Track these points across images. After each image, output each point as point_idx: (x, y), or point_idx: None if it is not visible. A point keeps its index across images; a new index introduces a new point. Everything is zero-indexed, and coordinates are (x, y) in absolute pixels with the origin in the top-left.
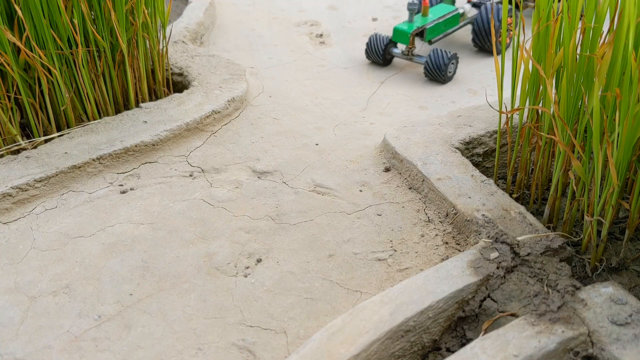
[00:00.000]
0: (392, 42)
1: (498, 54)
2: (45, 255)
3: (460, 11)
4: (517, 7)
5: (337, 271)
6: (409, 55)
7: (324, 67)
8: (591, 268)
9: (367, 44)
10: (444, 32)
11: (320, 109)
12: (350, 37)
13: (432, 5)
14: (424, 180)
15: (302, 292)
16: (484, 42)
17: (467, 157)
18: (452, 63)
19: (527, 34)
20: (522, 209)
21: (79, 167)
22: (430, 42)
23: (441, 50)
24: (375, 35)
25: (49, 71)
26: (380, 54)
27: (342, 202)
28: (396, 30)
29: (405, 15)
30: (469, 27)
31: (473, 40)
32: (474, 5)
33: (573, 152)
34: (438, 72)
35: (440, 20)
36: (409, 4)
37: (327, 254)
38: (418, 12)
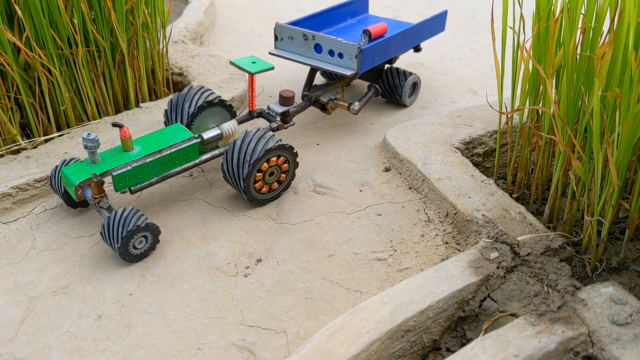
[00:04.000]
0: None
1: None
2: (45, 255)
3: (212, 133)
4: (324, 108)
5: (337, 271)
6: (97, 207)
7: None
8: (591, 268)
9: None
10: (162, 174)
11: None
12: None
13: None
14: (424, 180)
15: (302, 292)
16: (234, 184)
17: (467, 157)
18: None
19: (527, 34)
20: (522, 208)
21: None
22: (131, 192)
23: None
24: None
25: (49, 71)
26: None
27: (342, 202)
28: (63, 175)
29: (405, 15)
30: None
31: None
32: (258, 115)
33: (573, 152)
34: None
35: (155, 158)
36: (85, 139)
37: (327, 254)
38: (120, 147)
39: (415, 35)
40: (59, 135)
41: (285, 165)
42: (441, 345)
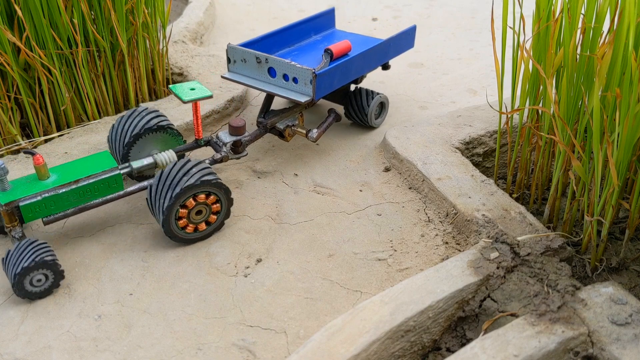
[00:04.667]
0: None
1: None
2: None
3: (144, 163)
4: (282, 136)
5: (337, 271)
6: (10, 236)
7: None
8: (591, 268)
9: None
10: (79, 205)
11: (320, 108)
12: None
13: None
14: (424, 180)
15: (302, 292)
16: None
17: (467, 157)
18: None
19: (527, 34)
20: (522, 208)
21: None
22: (44, 224)
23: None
24: None
25: (49, 71)
26: None
27: (342, 202)
28: None
29: (405, 15)
30: None
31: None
32: (206, 143)
33: (573, 152)
34: None
35: (69, 189)
36: None
37: (327, 254)
38: (35, 175)
39: (381, 53)
40: (59, 135)
41: (217, 205)
42: (441, 345)
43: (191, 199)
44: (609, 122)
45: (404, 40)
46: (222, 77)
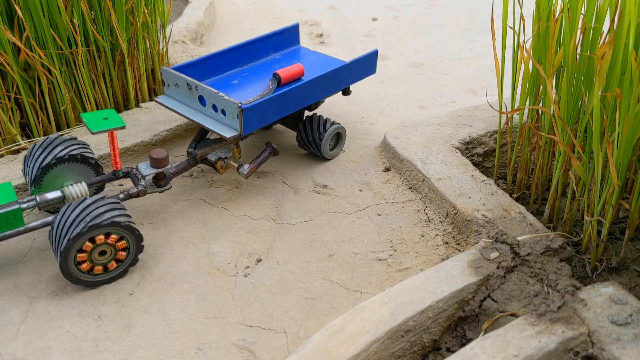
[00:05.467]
0: None
1: None
2: (44, 255)
3: (51, 196)
4: (215, 168)
5: (337, 271)
6: None
7: None
8: (591, 268)
9: None
10: None
11: (320, 108)
12: (350, 37)
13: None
14: (424, 180)
15: (302, 292)
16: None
17: (467, 157)
18: None
19: (527, 34)
20: (522, 208)
21: None
22: None
23: None
24: None
25: (49, 71)
26: None
27: (342, 202)
28: None
29: (405, 15)
30: None
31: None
32: (125, 175)
33: (573, 152)
34: None
35: None
36: None
37: (327, 254)
38: None
39: (335, 80)
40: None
41: (122, 242)
42: (441, 345)
43: (88, 242)
44: (609, 122)
45: (364, 65)
46: (155, 100)
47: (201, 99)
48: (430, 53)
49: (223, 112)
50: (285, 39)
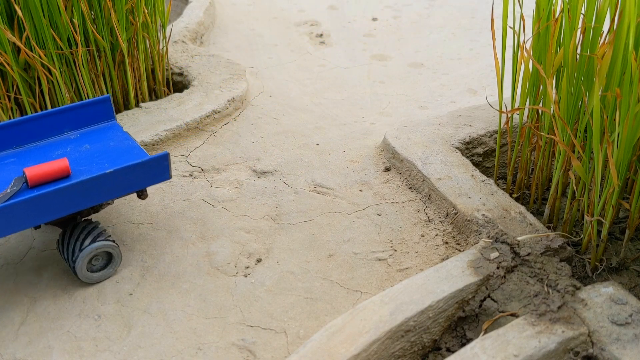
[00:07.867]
0: None
1: None
2: (44, 255)
3: None
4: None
5: (337, 271)
6: None
7: (324, 67)
8: (591, 268)
9: None
10: None
11: (321, 108)
12: (350, 37)
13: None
14: (424, 180)
15: (302, 292)
16: None
17: (467, 157)
18: None
19: (527, 34)
20: (522, 208)
21: None
22: None
23: None
24: None
25: (49, 71)
26: None
27: (342, 202)
28: None
29: (405, 15)
30: None
31: None
32: None
33: (573, 152)
34: None
35: None
36: None
37: (327, 254)
38: None
39: (112, 184)
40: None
41: None
42: (441, 345)
43: None
44: (609, 122)
45: (149, 171)
46: None
47: None
48: (430, 53)
49: None
50: (92, 114)
